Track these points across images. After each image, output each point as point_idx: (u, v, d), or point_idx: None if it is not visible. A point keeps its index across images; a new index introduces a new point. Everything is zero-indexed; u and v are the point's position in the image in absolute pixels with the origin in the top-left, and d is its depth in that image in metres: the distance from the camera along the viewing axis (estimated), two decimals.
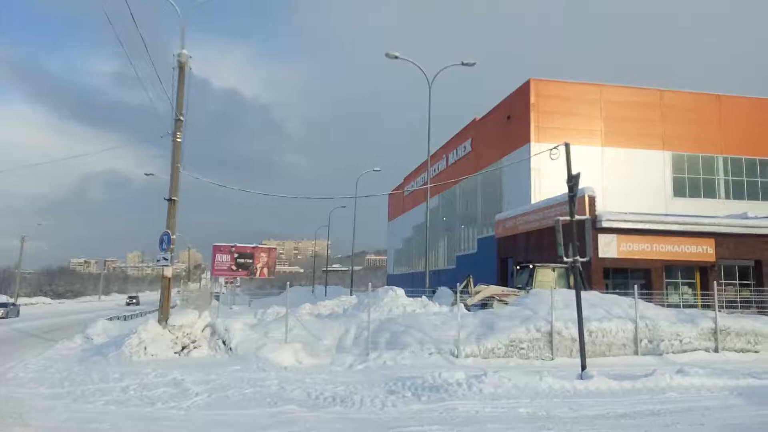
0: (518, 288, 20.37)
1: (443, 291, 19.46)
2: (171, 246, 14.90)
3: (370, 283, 15.70)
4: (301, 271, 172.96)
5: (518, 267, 22.68)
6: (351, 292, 44.44)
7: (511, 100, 33.32)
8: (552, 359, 13.47)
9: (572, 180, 12.07)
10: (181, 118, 15.24)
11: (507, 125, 33.47)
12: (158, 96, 44.97)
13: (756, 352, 14.72)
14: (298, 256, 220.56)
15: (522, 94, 31.48)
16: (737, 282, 23.30)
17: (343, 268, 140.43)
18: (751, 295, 21.87)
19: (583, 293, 14.89)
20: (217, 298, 32.95)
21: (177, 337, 13.74)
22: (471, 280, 20.30)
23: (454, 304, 16.89)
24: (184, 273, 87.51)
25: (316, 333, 14.67)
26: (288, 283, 16.01)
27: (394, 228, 63.56)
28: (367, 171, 49.17)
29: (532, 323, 13.77)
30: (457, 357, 13.18)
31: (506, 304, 18.69)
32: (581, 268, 12.72)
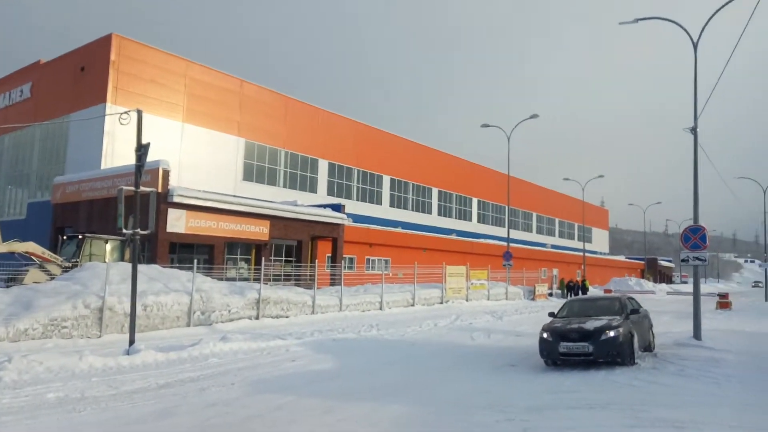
0: (65, 260, 18.38)
1: None
2: None
3: None
4: None
5: (65, 237, 20.52)
6: None
7: (87, 50, 29.60)
8: (100, 337, 12.63)
9: (141, 149, 11.61)
10: None
11: (80, 78, 29.59)
12: None
13: (287, 317, 17.64)
14: None
15: (101, 48, 28.40)
16: (283, 258, 27.41)
17: None
18: (292, 269, 26.15)
19: (143, 267, 14.59)
20: None
21: None
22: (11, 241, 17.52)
23: None
24: None
25: None
26: None
27: None
28: None
29: (81, 299, 12.55)
30: None
31: (48, 273, 16.62)
32: (141, 241, 12.37)
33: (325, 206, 30.54)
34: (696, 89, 14.78)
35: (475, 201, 55.01)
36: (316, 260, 23.32)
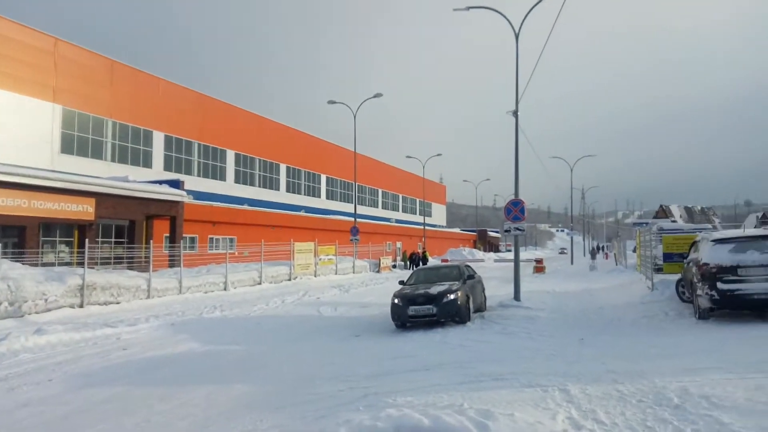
0: None
1: None
2: None
3: None
4: None
5: None
6: None
7: None
8: None
9: None
10: None
11: None
12: None
13: (118, 303, 16.14)
14: None
15: None
16: (113, 240, 24.94)
17: None
18: (124, 251, 23.94)
19: None
20: None
21: None
22: None
23: None
24: None
25: None
26: None
27: None
28: None
29: None
30: None
31: None
32: None
33: (161, 182, 28.32)
34: (517, 76, 16.34)
35: (323, 177, 55.27)
36: (152, 241, 21.61)
